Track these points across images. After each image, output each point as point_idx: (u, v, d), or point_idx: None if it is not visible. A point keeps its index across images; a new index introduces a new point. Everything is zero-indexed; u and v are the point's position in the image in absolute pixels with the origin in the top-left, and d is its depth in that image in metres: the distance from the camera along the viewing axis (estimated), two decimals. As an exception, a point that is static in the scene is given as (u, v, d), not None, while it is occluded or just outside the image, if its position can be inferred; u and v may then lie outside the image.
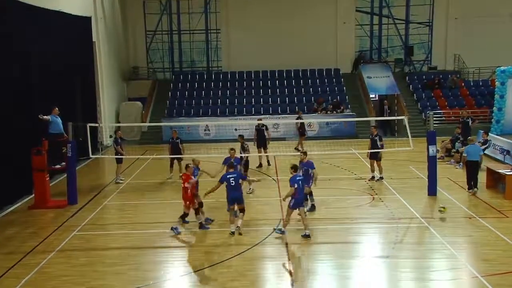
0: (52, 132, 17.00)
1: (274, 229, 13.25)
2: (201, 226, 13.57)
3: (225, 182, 13.01)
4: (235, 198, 13.07)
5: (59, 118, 17.19)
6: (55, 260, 11.93)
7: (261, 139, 21.22)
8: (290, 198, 12.52)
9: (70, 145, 16.40)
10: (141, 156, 24.14)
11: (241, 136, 18.41)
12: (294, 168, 12.97)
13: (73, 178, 16.70)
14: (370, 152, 18.45)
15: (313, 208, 14.76)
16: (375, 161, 18.41)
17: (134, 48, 36.21)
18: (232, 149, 15.66)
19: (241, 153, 17.23)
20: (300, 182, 12.63)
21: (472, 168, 16.53)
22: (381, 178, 18.35)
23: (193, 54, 36.75)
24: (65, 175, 17.27)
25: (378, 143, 18.31)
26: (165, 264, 11.72)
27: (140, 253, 12.25)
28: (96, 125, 22.53)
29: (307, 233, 12.64)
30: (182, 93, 33.41)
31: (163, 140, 29.28)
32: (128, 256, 12.03)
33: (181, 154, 19.12)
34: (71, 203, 16.42)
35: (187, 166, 13.71)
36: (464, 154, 16.91)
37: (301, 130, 24.88)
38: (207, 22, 36.04)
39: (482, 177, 17.17)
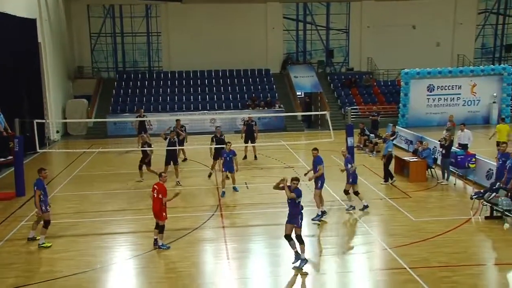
0: None
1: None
2: (160, 245, 11.22)
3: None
4: None
5: (1, 116, 16.94)
6: (3, 249, 11.33)
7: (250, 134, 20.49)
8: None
9: (16, 140, 15.61)
10: (87, 150, 23.27)
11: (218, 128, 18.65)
12: (228, 144, 15.40)
13: (20, 171, 15.88)
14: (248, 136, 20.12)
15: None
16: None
17: (79, 48, 34.73)
18: (228, 142, 15.55)
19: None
20: (228, 157, 15.15)
21: (389, 161, 16.55)
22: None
23: (136, 55, 35.77)
24: (13, 168, 16.38)
25: (254, 127, 20.20)
26: (111, 249, 11.40)
27: (87, 240, 11.84)
28: (43, 121, 21.49)
29: (236, 188, 15.48)
30: (125, 91, 32.48)
31: (107, 135, 28.54)
32: (75, 243, 11.60)
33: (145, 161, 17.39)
34: (19, 195, 15.61)
35: (161, 175, 11.50)
36: (390, 149, 16.46)
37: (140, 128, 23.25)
38: (148, 25, 35.18)
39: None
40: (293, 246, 10.00)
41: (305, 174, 13.81)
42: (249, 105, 30.72)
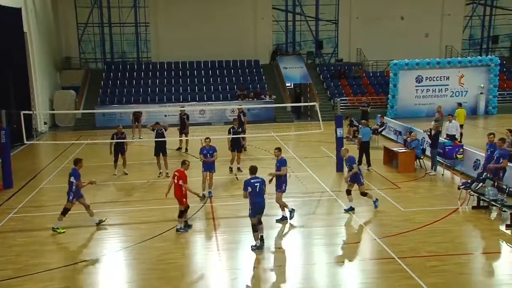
0: None
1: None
2: (179, 228, 11.65)
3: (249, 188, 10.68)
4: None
5: None
6: (-8, 242, 11.21)
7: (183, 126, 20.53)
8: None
9: (3, 131, 15.45)
10: (76, 141, 23.07)
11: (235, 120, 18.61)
12: (207, 140, 14.31)
13: (7, 163, 15.72)
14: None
15: None
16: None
17: (66, 39, 34.38)
18: (207, 138, 14.44)
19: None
20: (208, 154, 14.16)
21: (364, 148, 17.01)
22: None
23: (124, 45, 35.49)
24: (0, 160, 16.18)
25: (242, 118, 19.84)
26: (100, 241, 11.34)
27: (76, 232, 11.76)
28: (30, 112, 21.21)
29: (210, 193, 14.19)
30: (114, 82, 32.22)
31: (96, 126, 28.30)
32: (64, 235, 11.52)
33: (124, 151, 17.36)
34: (7, 187, 15.49)
35: (184, 162, 11.83)
36: (360, 136, 17.41)
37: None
38: (136, 15, 34.82)
39: (379, 154, 18.06)
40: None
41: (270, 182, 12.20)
42: (239, 95, 30.64)
